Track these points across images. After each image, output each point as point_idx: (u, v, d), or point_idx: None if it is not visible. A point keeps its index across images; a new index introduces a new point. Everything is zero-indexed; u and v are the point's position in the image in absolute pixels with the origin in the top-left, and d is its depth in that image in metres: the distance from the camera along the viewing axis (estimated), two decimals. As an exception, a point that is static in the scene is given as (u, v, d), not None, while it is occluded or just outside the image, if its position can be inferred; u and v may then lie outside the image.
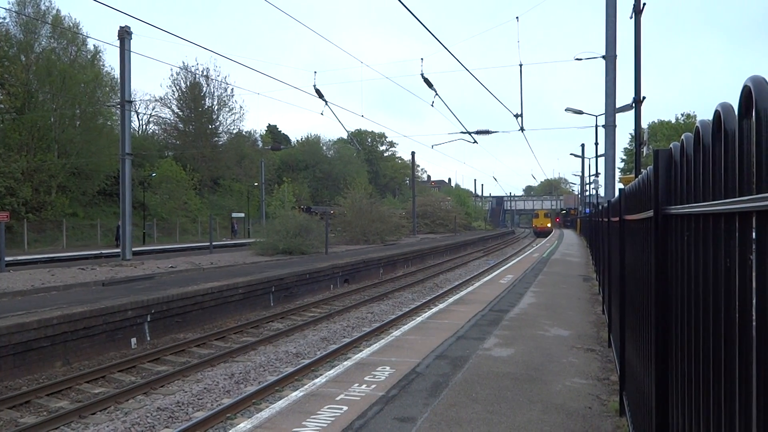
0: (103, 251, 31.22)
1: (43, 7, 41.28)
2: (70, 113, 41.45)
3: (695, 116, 68.06)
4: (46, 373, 9.94)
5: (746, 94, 1.32)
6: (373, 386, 5.88)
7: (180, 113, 59.97)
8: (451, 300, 12.52)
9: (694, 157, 1.95)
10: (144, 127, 61.75)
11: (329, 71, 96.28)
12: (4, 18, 38.30)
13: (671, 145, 2.48)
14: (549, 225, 73.20)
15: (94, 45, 44.65)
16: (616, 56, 15.05)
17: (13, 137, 37.28)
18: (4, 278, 17.21)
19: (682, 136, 2.18)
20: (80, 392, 9.10)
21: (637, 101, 13.63)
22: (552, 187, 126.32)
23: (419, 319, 10.11)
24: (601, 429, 4.73)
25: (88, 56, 44.29)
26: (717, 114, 1.59)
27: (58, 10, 43.38)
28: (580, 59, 18.32)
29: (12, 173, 34.48)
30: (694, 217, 1.92)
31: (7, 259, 21.16)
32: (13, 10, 39.25)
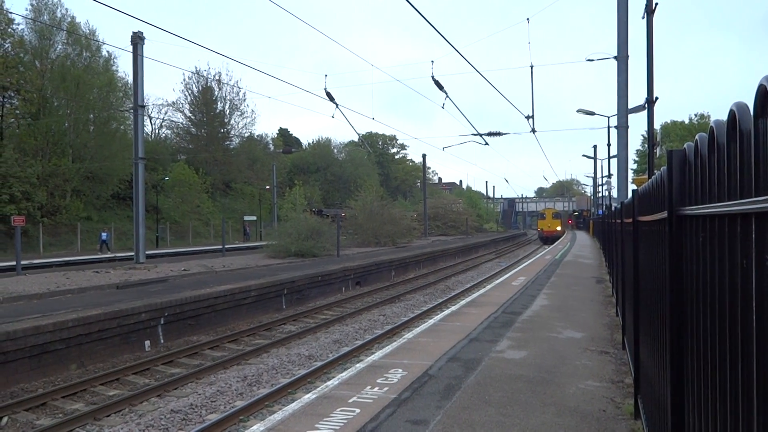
0: (118, 254, 31.49)
1: (58, 14, 41.84)
2: (84, 118, 41.92)
3: (709, 116, 67.38)
4: (62, 375, 10.04)
5: (762, 94, 1.31)
6: (386, 389, 5.88)
7: (192, 117, 60.44)
8: (463, 302, 12.48)
9: (708, 158, 1.94)
10: (157, 131, 62.32)
11: (339, 74, 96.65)
12: (19, 24, 38.86)
13: (685, 146, 2.46)
14: (559, 228, 60.16)
15: (107, 51, 45.17)
16: (628, 57, 14.94)
17: (28, 142, 37.77)
18: (20, 281, 17.40)
19: (696, 137, 2.16)
20: (95, 394, 9.18)
21: (650, 102, 13.53)
22: (564, 189, 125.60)
23: (431, 321, 10.09)
24: (615, 432, 4.69)
25: (102, 62, 44.78)
26: (732, 113, 1.57)
27: (73, 17, 43.95)
28: (592, 60, 18.22)
29: (28, 178, 34.90)
30: (709, 217, 1.91)
31: (23, 262, 21.40)
32: (29, 17, 39.80)
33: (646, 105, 13.80)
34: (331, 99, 20.87)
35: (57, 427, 7.55)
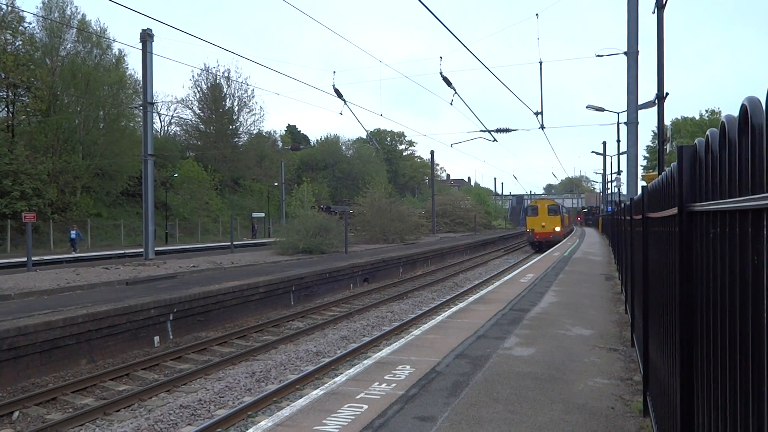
0: (127, 251, 31.68)
1: (68, 12, 42.08)
2: (94, 115, 42.20)
3: (720, 112, 66.76)
4: (72, 370, 10.12)
5: (774, 87, 1.29)
6: (393, 385, 5.88)
7: (201, 114, 60.70)
8: (471, 299, 12.45)
9: (719, 153, 1.91)
10: (166, 128, 62.68)
11: (346, 70, 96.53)
12: (30, 23, 39.11)
13: (696, 141, 2.43)
14: (558, 228, 40.83)
15: (118, 48, 45.40)
16: (638, 52, 14.83)
17: (39, 139, 38.05)
18: (30, 277, 17.55)
19: (707, 132, 2.13)
20: (105, 390, 9.25)
21: (660, 97, 13.42)
22: (573, 186, 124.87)
23: (439, 318, 10.08)
24: (624, 429, 4.67)
25: (113, 59, 45.03)
26: (743, 108, 1.55)
27: (83, 14, 44.21)
28: (602, 56, 18.11)
29: (38, 174, 35.18)
30: (720, 213, 1.88)
31: (33, 258, 21.58)
32: (40, 14, 40.05)
33: (657, 101, 13.69)
34: (339, 96, 20.87)
35: (67, 422, 7.62)
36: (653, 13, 13.37)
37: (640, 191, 5.71)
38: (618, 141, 35.24)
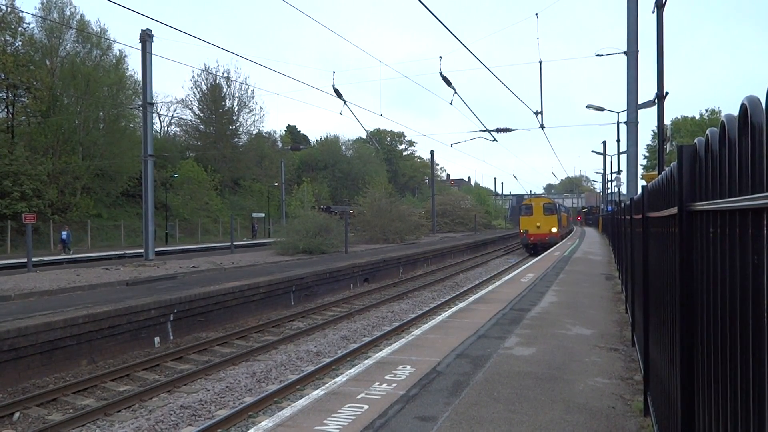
0: (127, 251, 31.67)
1: (67, 12, 42.07)
2: (94, 116, 42.19)
3: (720, 112, 66.73)
4: (72, 371, 10.12)
5: (774, 87, 1.29)
6: (394, 385, 5.88)
7: (201, 115, 60.71)
8: (471, 299, 12.45)
9: (719, 153, 1.92)
10: (166, 128, 62.69)
11: (346, 70, 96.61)
12: (30, 23, 39.10)
13: (696, 141, 2.44)
14: (554, 229, 36.51)
15: (119, 49, 45.39)
16: (637, 52, 14.83)
17: (39, 140, 38.05)
18: (31, 278, 17.55)
19: (707, 131, 2.14)
20: (105, 390, 9.25)
21: (660, 97, 13.42)
22: (573, 185, 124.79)
23: (439, 318, 10.08)
24: (625, 429, 4.67)
25: (112, 60, 45.02)
26: (743, 107, 1.55)
27: (82, 14, 44.19)
28: (602, 55, 18.11)
29: (38, 175, 35.18)
30: (720, 213, 1.89)
31: (33, 259, 21.58)
32: (39, 15, 40.05)
33: (657, 100, 13.69)
34: (339, 96, 20.88)
35: (68, 423, 7.62)
36: (653, 12, 13.37)
37: (640, 191, 5.71)
38: (618, 140, 35.25)
